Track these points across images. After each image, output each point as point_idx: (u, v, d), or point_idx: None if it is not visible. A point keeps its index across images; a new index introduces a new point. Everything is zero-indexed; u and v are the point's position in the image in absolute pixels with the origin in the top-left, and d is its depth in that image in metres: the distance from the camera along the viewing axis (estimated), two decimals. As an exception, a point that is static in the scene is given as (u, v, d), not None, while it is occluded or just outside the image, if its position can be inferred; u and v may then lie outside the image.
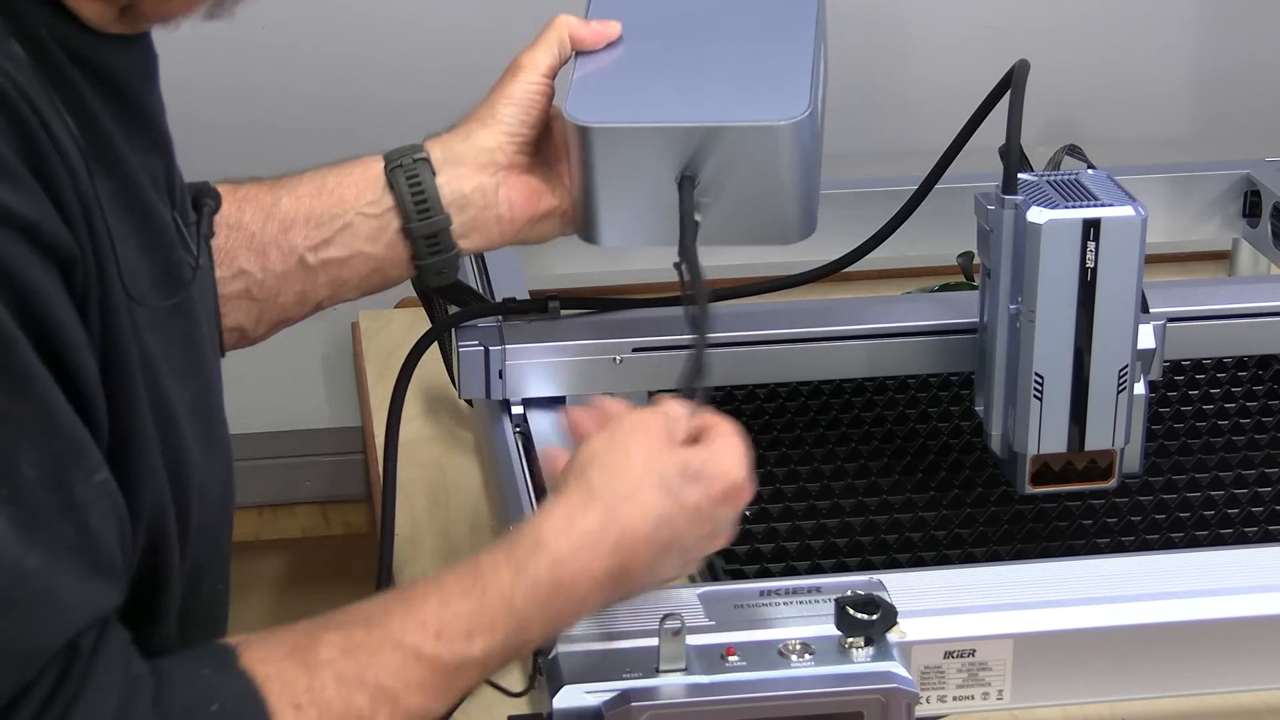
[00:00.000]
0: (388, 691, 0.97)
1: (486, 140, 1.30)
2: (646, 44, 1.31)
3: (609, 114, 1.24)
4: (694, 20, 1.34)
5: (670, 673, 1.08)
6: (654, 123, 1.23)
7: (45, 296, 0.87)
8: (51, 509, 0.87)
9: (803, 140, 1.22)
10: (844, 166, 1.35)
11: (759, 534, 1.39)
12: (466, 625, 0.99)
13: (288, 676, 0.95)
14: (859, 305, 1.55)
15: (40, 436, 0.86)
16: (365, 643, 0.97)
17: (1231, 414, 1.54)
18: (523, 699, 1.24)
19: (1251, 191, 1.69)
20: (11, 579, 0.85)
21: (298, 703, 0.94)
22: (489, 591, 1.01)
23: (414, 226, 1.28)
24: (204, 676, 0.94)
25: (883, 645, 1.10)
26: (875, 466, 1.48)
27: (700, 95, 1.25)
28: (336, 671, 0.96)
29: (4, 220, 0.85)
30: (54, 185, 0.88)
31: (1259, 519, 1.41)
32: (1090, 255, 1.27)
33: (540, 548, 1.02)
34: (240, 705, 0.93)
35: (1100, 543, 1.38)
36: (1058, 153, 1.40)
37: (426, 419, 1.64)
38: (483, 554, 1.03)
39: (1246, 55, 2.26)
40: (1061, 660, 1.17)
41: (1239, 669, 1.19)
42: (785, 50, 1.29)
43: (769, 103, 1.22)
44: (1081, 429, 1.32)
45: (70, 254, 0.89)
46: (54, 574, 0.87)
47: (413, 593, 1.01)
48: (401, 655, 0.98)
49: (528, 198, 1.31)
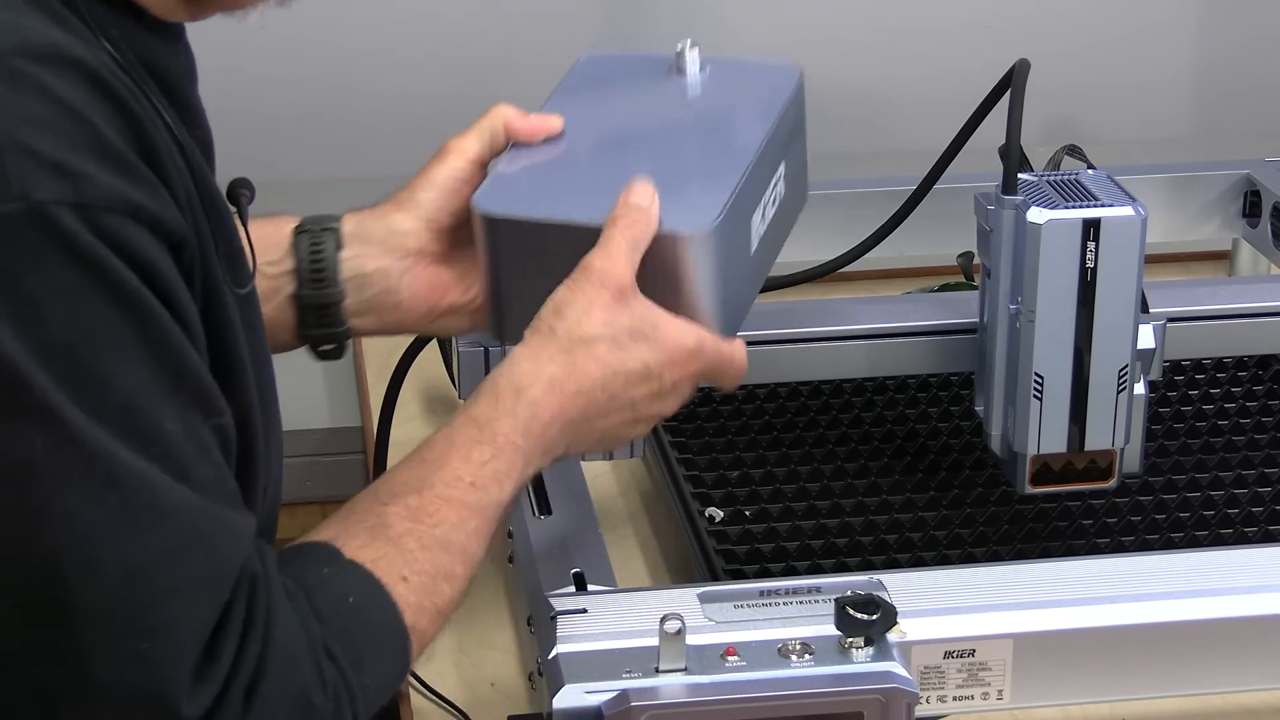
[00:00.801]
0: (457, 544, 1.07)
1: (400, 223, 1.27)
2: (584, 141, 1.25)
3: (514, 205, 1.18)
4: (645, 122, 1.28)
5: (670, 673, 1.08)
6: (557, 218, 1.16)
7: (170, 279, 0.95)
8: (192, 454, 0.95)
9: (712, 251, 1.15)
10: (844, 166, 1.35)
11: (759, 534, 1.39)
12: (492, 472, 1.09)
13: (385, 554, 1.04)
14: (859, 305, 1.55)
15: (174, 394, 0.95)
16: (423, 506, 1.06)
17: (1231, 414, 1.54)
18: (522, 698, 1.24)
19: (1251, 191, 1.69)
20: (191, 515, 0.94)
21: (403, 575, 1.04)
22: (497, 439, 1.09)
23: (305, 294, 1.26)
24: (328, 575, 1.02)
25: (883, 645, 1.10)
26: (875, 466, 1.48)
27: (615, 196, 1.16)
28: (417, 538, 1.05)
29: (134, 215, 0.92)
30: (165, 174, 0.96)
31: (1259, 519, 1.41)
32: (1090, 255, 1.27)
33: (521, 394, 1.11)
34: (367, 591, 1.02)
35: (1100, 543, 1.38)
36: (1058, 153, 1.40)
37: (426, 419, 1.64)
38: (471, 407, 1.11)
39: (1246, 55, 2.26)
40: (1061, 660, 1.17)
41: (1239, 669, 1.19)
42: (721, 159, 1.21)
43: (679, 211, 1.15)
44: (1081, 429, 1.32)
45: (183, 237, 0.96)
46: (213, 506, 0.96)
47: (434, 454, 1.09)
48: (455, 509, 1.07)
49: (430, 289, 1.27)
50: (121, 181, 0.92)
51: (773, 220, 1.26)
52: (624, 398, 1.14)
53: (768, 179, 1.24)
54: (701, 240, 1.14)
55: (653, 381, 1.14)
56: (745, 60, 1.33)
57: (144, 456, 0.92)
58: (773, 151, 1.25)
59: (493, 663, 1.34)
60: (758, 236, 1.23)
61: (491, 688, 1.32)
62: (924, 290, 1.79)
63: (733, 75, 1.32)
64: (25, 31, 0.93)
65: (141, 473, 0.92)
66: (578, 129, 1.26)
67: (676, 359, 1.15)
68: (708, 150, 1.24)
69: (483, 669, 1.34)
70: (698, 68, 1.31)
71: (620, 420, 1.15)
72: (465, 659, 1.35)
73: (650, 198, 1.15)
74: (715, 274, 1.16)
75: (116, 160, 0.93)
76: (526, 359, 1.12)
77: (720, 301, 1.17)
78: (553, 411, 1.11)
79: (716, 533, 1.39)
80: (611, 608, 1.15)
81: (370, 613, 1.02)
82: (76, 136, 0.91)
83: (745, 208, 1.20)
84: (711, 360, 1.16)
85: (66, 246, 0.90)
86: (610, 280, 1.12)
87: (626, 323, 1.13)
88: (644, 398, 1.15)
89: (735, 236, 1.19)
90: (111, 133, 0.93)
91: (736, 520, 1.42)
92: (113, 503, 0.91)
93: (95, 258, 0.91)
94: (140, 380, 0.93)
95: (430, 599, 1.05)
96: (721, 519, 1.41)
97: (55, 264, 0.90)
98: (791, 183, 1.30)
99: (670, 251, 1.14)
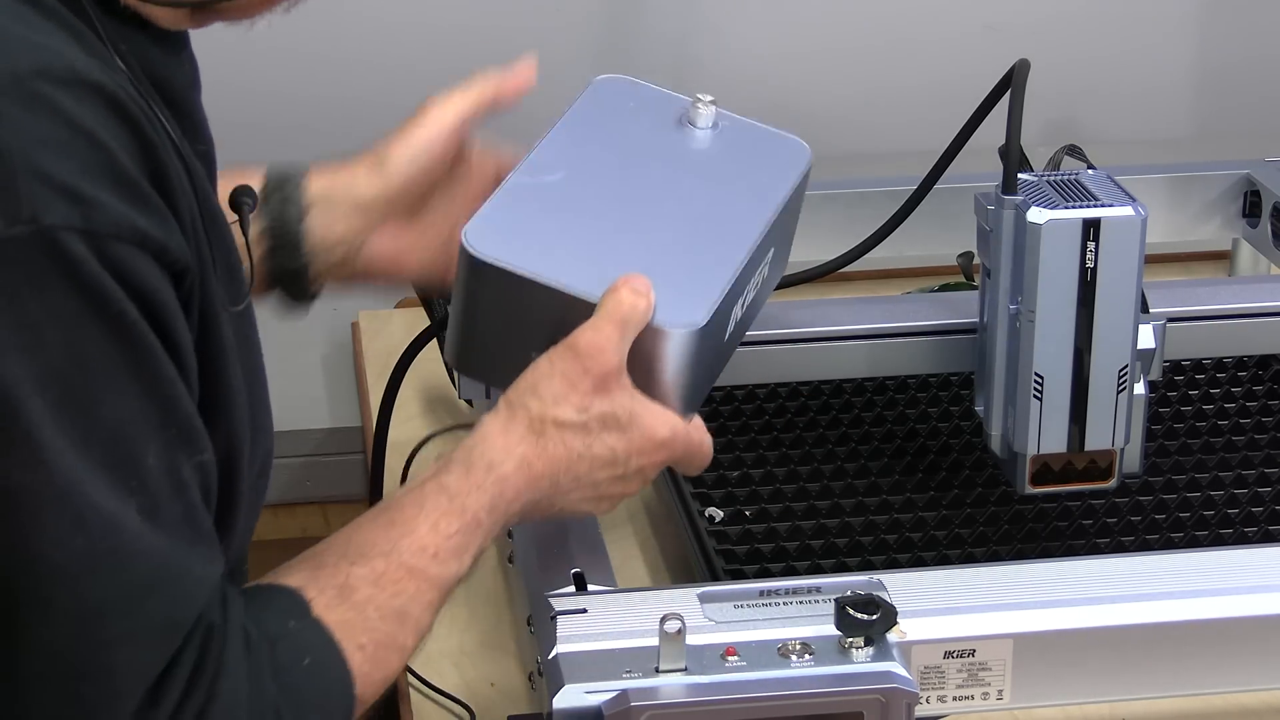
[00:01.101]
0: (412, 617, 1.07)
1: (369, 188, 1.26)
2: (585, 191, 1.22)
3: (504, 253, 1.14)
4: (651, 180, 1.24)
5: (670, 672, 1.08)
6: (547, 279, 1.13)
7: (169, 310, 0.95)
8: (167, 492, 0.95)
9: (694, 347, 1.15)
10: (844, 166, 1.35)
11: (759, 534, 1.39)
12: (455, 545, 1.09)
13: (347, 619, 1.04)
14: (859, 305, 1.55)
15: (161, 429, 0.95)
16: (386, 573, 1.06)
17: (1231, 414, 1.54)
18: (522, 698, 1.24)
19: (1251, 191, 1.69)
20: (153, 564, 0.94)
21: (360, 643, 1.04)
22: (465, 514, 1.09)
23: (273, 263, 1.26)
24: (292, 629, 1.02)
25: (883, 645, 1.10)
26: (875, 466, 1.48)
27: (606, 267, 1.14)
28: (377, 606, 1.05)
29: (141, 245, 0.92)
30: (173, 200, 0.96)
31: (1259, 519, 1.41)
32: (1090, 255, 1.27)
33: (492, 469, 1.11)
34: (326, 654, 1.02)
35: (1100, 543, 1.38)
36: (1057, 153, 1.40)
37: (426, 419, 1.64)
38: (443, 475, 1.10)
39: (1246, 55, 2.26)
40: (1061, 660, 1.17)
41: (1239, 669, 1.19)
42: (719, 249, 1.19)
43: (670, 303, 1.13)
44: (1081, 429, 1.32)
45: (186, 266, 0.96)
46: (178, 550, 0.95)
47: (402, 516, 1.09)
48: (415, 581, 1.07)
49: (395, 252, 1.29)
50: (132, 210, 0.92)
51: (751, 304, 1.25)
52: (587, 480, 1.14)
53: (756, 268, 1.23)
54: (687, 338, 1.14)
55: (618, 467, 1.14)
56: (759, 127, 1.31)
57: (121, 490, 0.92)
58: (767, 240, 1.24)
59: (493, 663, 1.34)
60: (734, 323, 1.22)
61: (491, 687, 1.32)
62: (924, 290, 1.79)
63: (744, 143, 1.30)
64: (45, 53, 0.92)
65: (110, 515, 0.92)
66: (581, 173, 1.23)
67: (646, 449, 1.14)
68: (708, 235, 1.21)
69: (483, 669, 1.34)
70: (710, 123, 1.29)
71: (580, 498, 1.15)
72: (465, 659, 1.35)
73: (648, 291, 1.13)
74: (692, 366, 1.15)
75: (129, 188, 0.92)
76: (499, 434, 1.12)
77: (692, 388, 1.17)
78: (518, 489, 1.11)
79: (716, 533, 1.39)
80: (611, 608, 1.15)
81: (324, 678, 1.02)
82: (91, 162, 0.91)
83: (730, 301, 1.19)
84: (679, 450, 1.17)
85: (71, 273, 0.90)
86: (595, 366, 1.11)
87: (603, 410, 1.12)
88: (607, 480, 1.15)
89: (717, 328, 1.18)
90: (126, 158, 0.93)
91: (736, 520, 1.42)
92: (78, 545, 0.91)
93: (99, 286, 0.91)
94: (129, 412, 0.93)
95: (380, 670, 1.05)
96: (721, 519, 1.42)
97: (59, 289, 0.90)
98: (777, 262, 1.30)
99: (654, 343, 1.13)
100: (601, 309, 1.12)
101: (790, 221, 1.30)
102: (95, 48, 0.96)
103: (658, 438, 1.14)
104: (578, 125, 1.28)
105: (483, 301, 1.17)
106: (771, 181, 1.27)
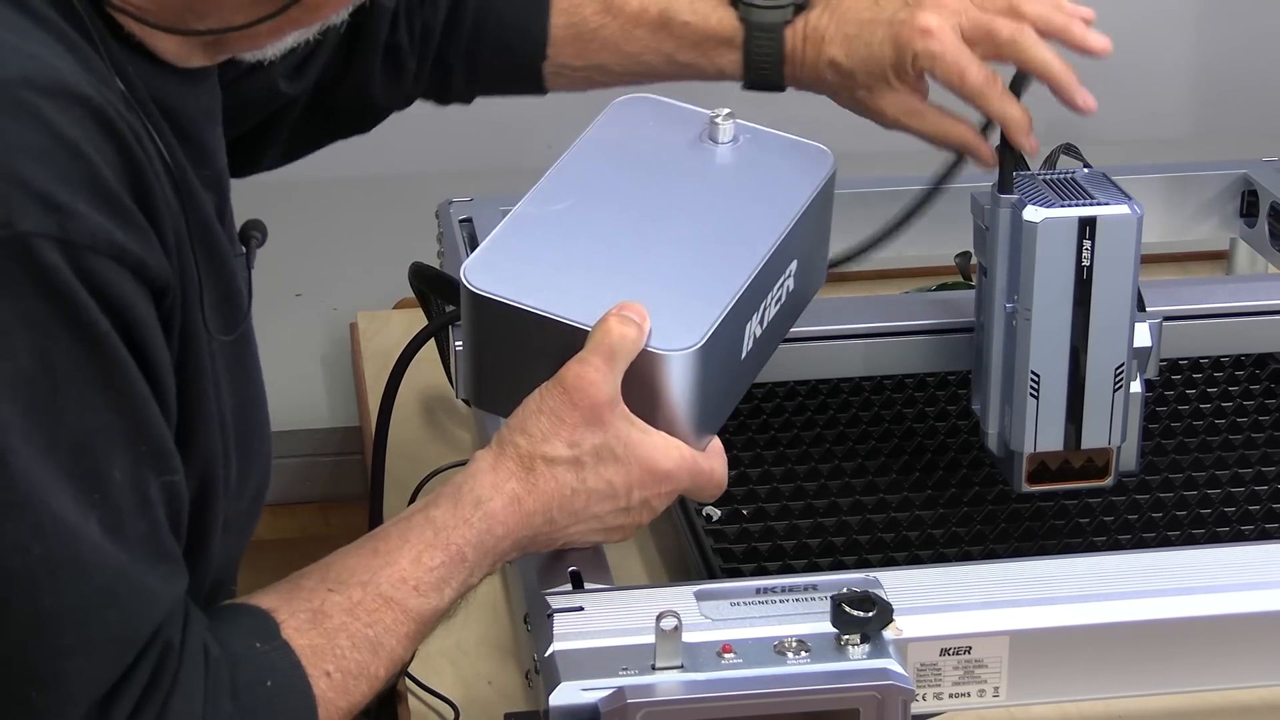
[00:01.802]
0: (386, 647, 1.07)
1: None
2: (590, 218, 1.21)
3: (501, 286, 1.15)
4: (660, 203, 1.23)
5: (667, 670, 1.08)
6: (541, 309, 1.13)
7: (146, 326, 0.95)
8: (131, 507, 0.95)
9: (694, 369, 1.13)
10: (844, 166, 1.35)
11: (756, 532, 1.39)
12: (437, 578, 1.09)
13: (316, 645, 1.04)
14: (857, 305, 1.55)
15: (129, 445, 0.95)
16: (363, 602, 1.06)
17: (1228, 413, 1.54)
18: (519, 696, 1.24)
19: (1249, 191, 1.69)
20: (111, 575, 0.94)
21: (327, 670, 1.04)
22: (449, 548, 1.10)
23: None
24: (257, 651, 1.02)
25: (879, 642, 1.10)
26: (872, 465, 1.48)
27: (604, 294, 1.13)
28: (349, 634, 1.05)
29: (118, 258, 0.93)
30: (156, 217, 0.96)
31: (1255, 517, 1.41)
32: (1086, 254, 1.27)
33: (479, 505, 1.11)
34: (289, 678, 1.02)
35: (1096, 541, 1.38)
36: (1054, 151, 1.40)
37: (425, 419, 1.65)
38: (431, 509, 1.11)
39: (1244, 56, 2.26)
40: (1057, 657, 1.17)
41: (1235, 666, 1.19)
42: (724, 267, 1.18)
43: (666, 326, 1.12)
44: (1078, 427, 1.32)
45: (166, 284, 0.97)
46: (138, 565, 0.96)
47: (386, 546, 1.09)
48: (392, 612, 1.07)
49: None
50: (110, 223, 0.92)
51: (775, 319, 1.24)
52: (586, 514, 1.13)
53: (773, 282, 1.22)
54: (683, 360, 1.13)
55: (619, 499, 1.13)
56: (780, 137, 1.31)
57: (84, 501, 0.93)
58: (785, 251, 1.22)
59: (489, 660, 1.34)
60: (752, 340, 1.21)
61: (488, 685, 1.32)
62: (921, 290, 1.79)
63: (764, 154, 1.29)
64: (34, 63, 0.93)
65: (71, 525, 0.92)
66: (589, 199, 1.23)
67: (647, 480, 1.13)
68: (716, 252, 1.20)
69: (479, 667, 1.34)
70: (730, 137, 1.29)
71: (584, 529, 1.15)
72: (462, 657, 1.35)
73: (641, 318, 1.12)
74: (697, 390, 1.14)
75: (109, 200, 0.92)
76: (488, 470, 1.12)
77: (700, 412, 1.15)
78: (508, 527, 1.11)
79: (713, 531, 1.40)
80: (608, 605, 1.15)
81: (285, 702, 1.02)
82: (71, 172, 0.91)
83: (740, 318, 1.18)
84: (685, 481, 1.15)
85: (44, 280, 0.90)
86: (583, 400, 1.11)
87: (596, 443, 1.11)
88: (610, 513, 1.14)
89: (724, 348, 1.17)
90: (108, 171, 0.93)
91: (733, 519, 1.42)
92: (36, 553, 0.91)
93: (70, 295, 0.91)
94: (96, 424, 0.93)
95: (347, 698, 1.05)
96: (718, 518, 1.42)
97: (30, 296, 0.90)
98: (805, 275, 1.28)
99: (651, 368, 1.12)
100: (589, 340, 1.11)
101: (815, 230, 1.29)
102: (92, 63, 0.96)
103: (659, 469, 1.13)
104: (592, 149, 1.28)
105: (486, 336, 1.17)
106: (787, 191, 1.26)
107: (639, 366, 1.12)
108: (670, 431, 1.14)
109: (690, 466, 1.15)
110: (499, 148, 2.20)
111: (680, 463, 1.14)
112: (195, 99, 1.07)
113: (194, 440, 1.02)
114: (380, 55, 1.40)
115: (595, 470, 1.12)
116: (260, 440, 1.12)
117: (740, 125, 1.30)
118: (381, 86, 1.41)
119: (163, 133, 1.01)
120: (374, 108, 1.44)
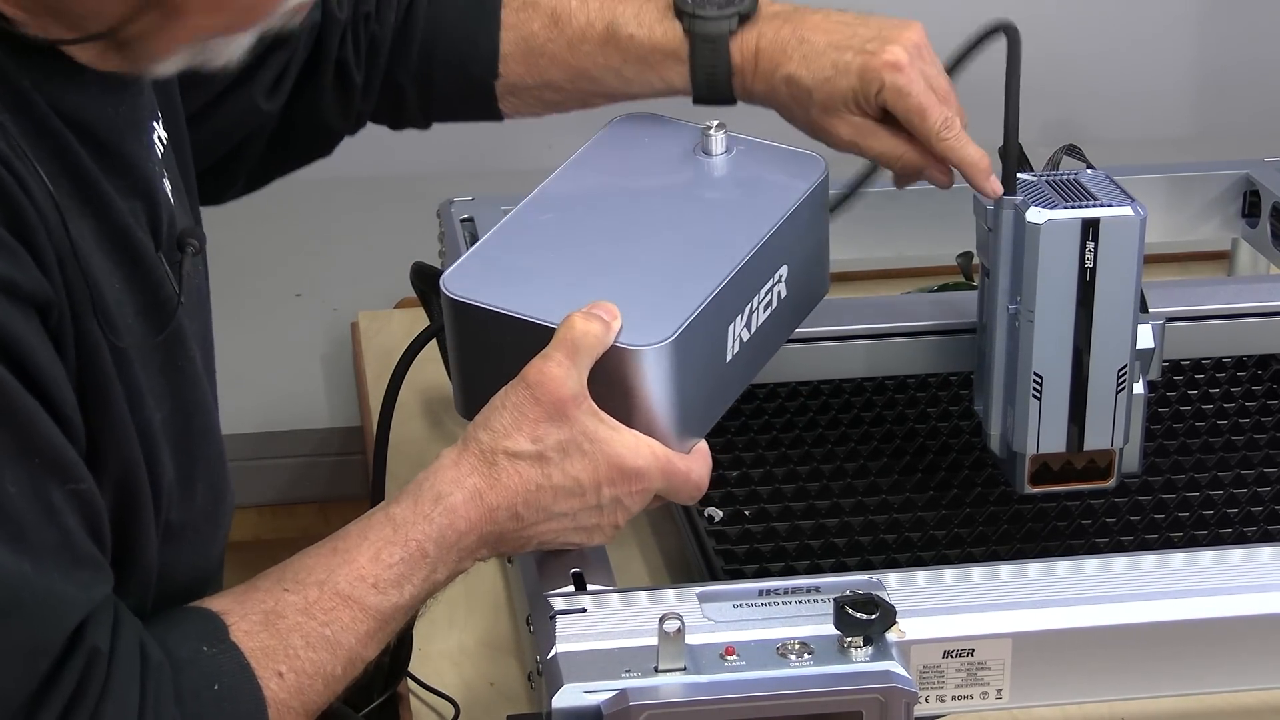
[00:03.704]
0: (344, 646, 1.06)
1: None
2: (575, 227, 1.23)
3: (477, 291, 1.17)
4: (644, 211, 1.25)
5: (669, 672, 1.08)
6: (512, 311, 1.15)
7: (26, 342, 0.94)
8: (33, 517, 0.95)
9: (667, 366, 1.14)
10: (845, 167, 1.35)
11: (758, 534, 1.39)
12: (397, 575, 1.08)
13: (268, 646, 1.04)
14: (858, 305, 1.55)
15: (20, 457, 0.94)
16: (319, 601, 1.06)
17: (1230, 414, 1.54)
18: (521, 698, 1.24)
19: (1251, 191, 1.69)
20: (13, 585, 0.93)
21: (279, 670, 1.03)
22: (409, 544, 1.09)
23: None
24: (205, 654, 1.02)
25: (881, 645, 1.10)
26: (874, 466, 1.48)
27: (578, 297, 1.14)
28: (303, 634, 1.05)
29: None
30: (29, 237, 0.95)
31: (1258, 519, 1.41)
32: (1089, 255, 1.27)
33: (439, 501, 1.10)
34: (237, 680, 1.02)
35: (1099, 542, 1.38)
36: (1056, 153, 1.40)
37: (426, 419, 1.65)
38: (392, 506, 1.11)
39: (1246, 55, 2.26)
40: (1060, 660, 1.17)
41: (1238, 668, 1.19)
42: (701, 267, 1.19)
43: (637, 323, 1.13)
44: (1080, 429, 1.32)
45: (46, 299, 0.96)
46: (46, 573, 0.95)
47: (345, 545, 1.09)
48: (350, 610, 1.07)
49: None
50: None
51: (766, 323, 1.24)
52: (554, 510, 1.13)
53: (758, 285, 1.22)
54: (653, 355, 1.13)
55: (588, 496, 1.13)
56: (773, 147, 1.31)
57: None
58: (770, 254, 1.23)
59: (492, 662, 1.34)
60: (738, 342, 1.21)
61: (491, 687, 1.32)
62: (923, 290, 1.79)
63: (755, 163, 1.30)
64: None
65: None
66: (574, 210, 1.24)
67: (615, 477, 1.13)
68: (695, 256, 1.21)
69: (482, 669, 1.34)
70: (723, 149, 1.29)
71: (557, 528, 1.14)
72: (464, 658, 1.35)
73: (610, 316, 1.13)
74: (672, 387, 1.14)
75: None
76: (450, 466, 1.12)
77: (680, 412, 1.15)
78: (471, 522, 1.11)
79: (716, 532, 1.39)
80: (610, 607, 1.15)
81: (233, 704, 1.02)
82: None
83: (719, 319, 1.18)
84: (658, 481, 1.15)
85: None
86: (545, 395, 1.11)
87: (560, 438, 1.11)
88: (580, 510, 1.14)
89: (702, 347, 1.17)
90: None
91: (735, 520, 1.42)
92: None
93: None
94: None
95: (300, 698, 1.04)
96: (721, 519, 1.42)
97: None
98: (800, 281, 1.28)
99: (621, 364, 1.13)
100: (554, 337, 1.12)
101: (810, 235, 1.29)
102: None
103: (628, 466, 1.13)
104: (584, 164, 1.29)
105: (468, 344, 1.18)
106: (773, 198, 1.26)
107: (612, 364, 1.13)
108: (649, 432, 1.14)
109: (664, 466, 1.15)
110: (499, 148, 2.20)
111: (652, 460, 1.14)
112: (114, 108, 1.05)
113: (104, 447, 1.01)
114: (332, 70, 1.39)
115: (560, 466, 1.12)
116: (206, 444, 1.12)
117: (733, 137, 1.31)
118: (332, 105, 1.41)
119: (65, 144, 1.00)
120: (326, 129, 1.43)
